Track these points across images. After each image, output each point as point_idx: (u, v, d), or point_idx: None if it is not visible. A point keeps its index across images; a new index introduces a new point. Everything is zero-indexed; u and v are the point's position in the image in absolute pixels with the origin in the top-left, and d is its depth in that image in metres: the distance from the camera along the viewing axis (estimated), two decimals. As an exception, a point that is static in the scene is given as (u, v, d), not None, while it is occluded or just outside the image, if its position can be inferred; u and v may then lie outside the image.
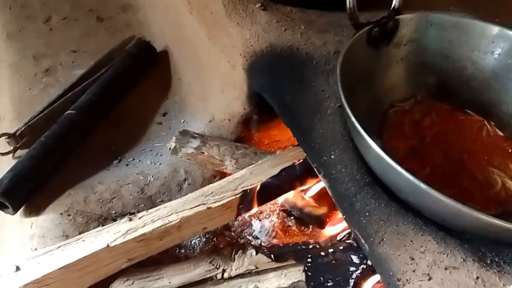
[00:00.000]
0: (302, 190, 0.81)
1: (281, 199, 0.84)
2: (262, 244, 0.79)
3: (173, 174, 0.82)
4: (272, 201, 0.81)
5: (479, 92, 0.71)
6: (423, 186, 0.46)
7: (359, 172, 0.59)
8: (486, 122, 0.69)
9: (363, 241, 0.54)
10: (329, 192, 0.60)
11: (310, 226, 0.82)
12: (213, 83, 0.88)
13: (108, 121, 0.93)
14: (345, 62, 0.61)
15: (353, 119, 0.53)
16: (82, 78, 0.99)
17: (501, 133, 0.68)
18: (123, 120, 0.94)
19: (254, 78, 0.75)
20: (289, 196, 0.82)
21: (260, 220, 0.84)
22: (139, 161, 0.86)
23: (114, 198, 0.76)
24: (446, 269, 0.49)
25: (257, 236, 0.81)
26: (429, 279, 0.49)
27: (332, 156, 0.61)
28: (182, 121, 0.95)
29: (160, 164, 0.84)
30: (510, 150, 0.66)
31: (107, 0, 1.26)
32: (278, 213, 0.85)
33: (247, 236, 0.81)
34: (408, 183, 0.48)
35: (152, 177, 0.81)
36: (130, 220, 0.65)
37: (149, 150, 0.89)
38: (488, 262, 0.49)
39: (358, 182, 0.58)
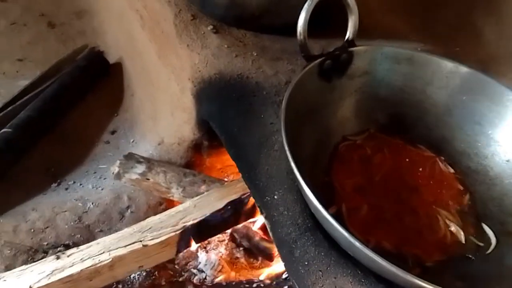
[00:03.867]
0: (252, 222, 0.78)
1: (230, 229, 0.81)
2: (206, 279, 0.75)
3: (115, 201, 0.77)
4: (220, 232, 0.77)
5: (432, 128, 0.69)
6: (357, 244, 0.44)
7: (302, 215, 0.56)
8: (437, 159, 0.68)
9: (300, 293, 0.51)
10: (271, 235, 0.57)
11: (259, 259, 0.79)
12: (163, 103, 0.83)
13: (50, 138, 0.87)
14: (292, 97, 0.58)
15: (293, 164, 0.50)
16: (25, 90, 0.93)
17: (452, 170, 0.67)
18: (67, 138, 0.89)
19: (202, 104, 0.71)
20: (239, 226, 0.79)
21: (206, 252, 0.80)
22: (80, 184, 0.80)
23: (47, 227, 0.71)
24: (383, 327, 0.47)
25: (202, 270, 0.77)
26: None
27: (275, 197, 0.58)
28: (132, 140, 0.90)
29: (102, 189, 0.79)
30: (459, 189, 0.65)
31: (61, 5, 1.18)
32: (227, 244, 0.82)
33: (192, 270, 0.77)
34: (344, 238, 0.45)
35: (92, 203, 0.76)
36: (58, 258, 0.60)
37: (92, 172, 0.83)
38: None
39: (299, 227, 0.55)
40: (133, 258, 0.62)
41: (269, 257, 0.78)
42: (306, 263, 0.52)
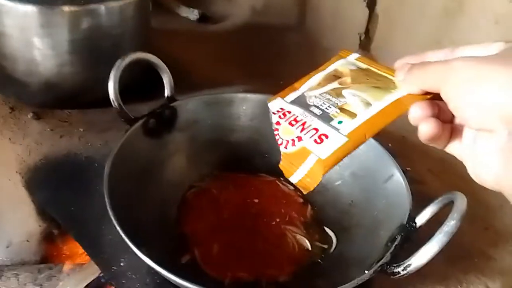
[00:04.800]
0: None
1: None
2: None
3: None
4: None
5: (264, 155, 0.75)
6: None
7: (149, 274, 0.56)
8: (277, 181, 0.74)
9: None
10: (125, 303, 0.56)
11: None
12: (2, 203, 0.78)
13: None
14: (118, 162, 0.59)
15: (119, 228, 0.50)
16: None
17: (292, 187, 0.73)
18: None
19: (36, 194, 0.69)
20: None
21: None
22: None
23: None
24: None
25: None
26: None
27: (122, 264, 0.57)
28: (-22, 252, 0.81)
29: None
30: (300, 203, 0.71)
31: None
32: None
33: None
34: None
35: None
36: None
37: None
38: None
39: (148, 286, 0.55)
40: None
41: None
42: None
